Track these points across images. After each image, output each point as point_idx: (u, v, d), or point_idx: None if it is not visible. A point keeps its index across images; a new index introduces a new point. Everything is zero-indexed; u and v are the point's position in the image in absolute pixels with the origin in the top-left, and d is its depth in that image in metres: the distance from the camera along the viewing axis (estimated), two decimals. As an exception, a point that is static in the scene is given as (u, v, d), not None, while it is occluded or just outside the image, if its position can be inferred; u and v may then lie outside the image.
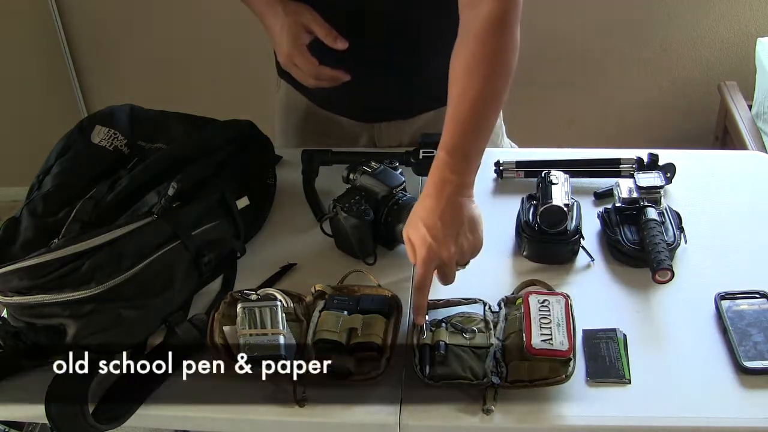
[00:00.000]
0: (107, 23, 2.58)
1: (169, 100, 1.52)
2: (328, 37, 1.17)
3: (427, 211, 0.99)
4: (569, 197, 1.13)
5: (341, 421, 0.93)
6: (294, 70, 1.20)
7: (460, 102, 1.02)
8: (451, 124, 1.02)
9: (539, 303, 0.97)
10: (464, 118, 1.02)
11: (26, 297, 0.96)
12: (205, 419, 0.95)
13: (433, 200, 0.99)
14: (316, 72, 1.19)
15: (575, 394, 0.92)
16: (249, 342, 0.96)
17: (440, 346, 0.95)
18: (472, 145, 1.03)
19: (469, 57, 1.04)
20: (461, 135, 1.02)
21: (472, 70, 1.03)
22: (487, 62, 1.03)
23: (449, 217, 0.98)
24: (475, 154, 1.03)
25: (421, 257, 0.97)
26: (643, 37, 2.47)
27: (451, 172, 1.00)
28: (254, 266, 1.13)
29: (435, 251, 0.97)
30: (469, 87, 1.02)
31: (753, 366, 0.93)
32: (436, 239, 0.97)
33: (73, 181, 1.11)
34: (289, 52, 1.18)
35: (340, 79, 1.20)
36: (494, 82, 1.03)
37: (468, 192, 1.02)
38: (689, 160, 1.30)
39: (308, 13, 1.17)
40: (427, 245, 0.97)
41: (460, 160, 1.01)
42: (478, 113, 1.03)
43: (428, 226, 0.97)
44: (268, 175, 1.27)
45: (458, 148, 1.01)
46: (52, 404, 0.92)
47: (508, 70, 1.05)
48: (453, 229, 0.98)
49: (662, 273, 1.05)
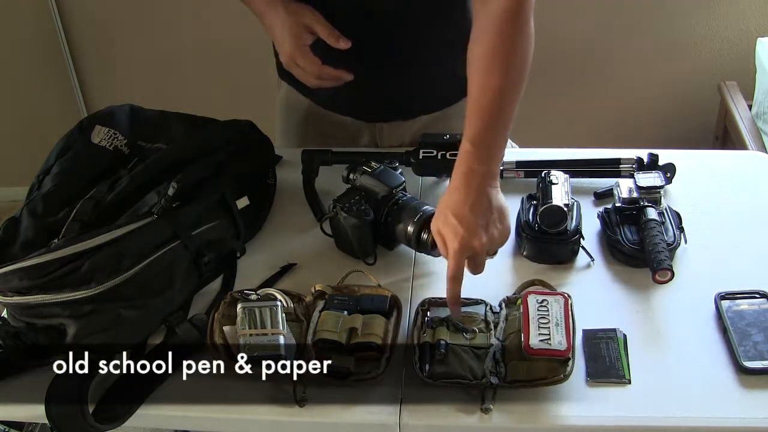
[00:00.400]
0: (107, 23, 2.58)
1: (169, 100, 1.52)
2: (330, 37, 1.16)
3: (457, 203, 1.00)
4: (569, 197, 1.13)
5: (341, 421, 0.93)
6: (296, 71, 1.20)
7: (482, 95, 1.04)
8: (473, 116, 1.03)
9: (538, 303, 0.97)
10: (487, 111, 1.03)
11: (26, 297, 0.96)
12: (205, 419, 0.95)
13: (462, 192, 1.00)
14: (318, 72, 1.19)
15: (575, 394, 0.92)
16: (249, 342, 0.96)
17: (441, 345, 0.95)
18: (496, 135, 1.04)
19: (488, 50, 1.05)
20: (485, 127, 1.03)
21: (490, 64, 1.04)
22: (505, 55, 1.04)
23: (479, 207, 0.99)
24: (499, 144, 1.05)
25: (453, 249, 0.98)
26: (643, 37, 2.47)
27: (478, 163, 1.01)
28: (254, 266, 1.13)
29: (467, 242, 0.97)
30: (489, 80, 1.03)
31: (753, 366, 0.93)
32: (468, 230, 0.98)
33: (73, 181, 1.11)
34: (291, 52, 1.18)
35: (342, 78, 1.20)
36: (513, 73, 1.05)
37: (494, 182, 1.03)
38: (689, 160, 1.30)
39: (310, 13, 1.17)
40: (460, 236, 0.97)
41: (485, 151, 1.02)
42: (499, 105, 1.04)
43: (459, 218, 0.98)
44: (268, 175, 1.28)
45: (483, 139, 1.02)
46: (52, 404, 0.92)
47: (526, 61, 1.06)
48: (483, 219, 0.99)
49: (662, 273, 1.05)
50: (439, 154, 1.27)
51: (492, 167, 1.03)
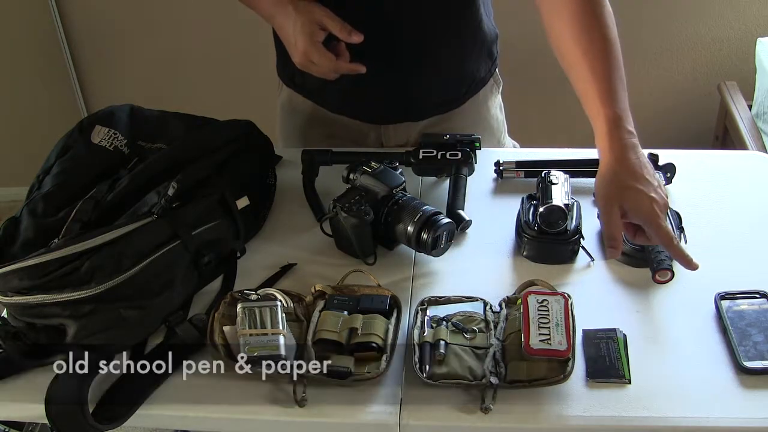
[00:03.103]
0: (107, 23, 2.59)
1: (169, 100, 1.52)
2: (342, 31, 1.16)
3: (634, 172, 0.99)
4: (569, 197, 1.13)
5: (341, 421, 0.93)
6: (312, 68, 1.20)
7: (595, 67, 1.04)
8: (601, 93, 1.03)
9: (538, 303, 0.97)
10: (610, 80, 1.03)
11: (26, 297, 0.96)
12: (205, 419, 0.95)
13: (631, 161, 1.00)
14: (335, 67, 1.19)
15: (575, 394, 0.92)
16: (249, 342, 0.96)
17: (440, 345, 0.95)
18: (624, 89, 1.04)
19: (578, 27, 1.05)
20: (618, 96, 1.03)
21: (588, 34, 1.05)
22: (596, 22, 1.05)
23: (650, 170, 1.01)
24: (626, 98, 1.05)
25: (656, 215, 0.97)
26: (643, 37, 2.47)
27: (628, 133, 1.01)
28: (254, 266, 1.13)
29: (663, 202, 0.99)
30: (595, 50, 1.04)
31: (753, 366, 0.93)
32: (656, 192, 0.98)
33: (73, 181, 1.11)
34: (305, 49, 1.17)
35: (358, 70, 1.20)
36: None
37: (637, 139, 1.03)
38: (689, 160, 1.30)
39: (320, 9, 1.17)
40: (654, 201, 0.98)
41: (628, 116, 1.02)
42: (615, 68, 1.04)
43: (644, 185, 0.98)
44: (268, 175, 1.28)
45: (622, 107, 1.02)
46: (52, 404, 0.92)
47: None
48: (655, 180, 1.01)
49: (662, 273, 1.05)
50: (439, 154, 1.27)
51: (631, 127, 1.03)
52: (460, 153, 1.26)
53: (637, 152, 1.01)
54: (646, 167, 1.00)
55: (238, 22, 1.27)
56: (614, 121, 1.01)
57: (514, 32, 1.87)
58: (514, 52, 2.25)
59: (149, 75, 2.66)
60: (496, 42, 1.39)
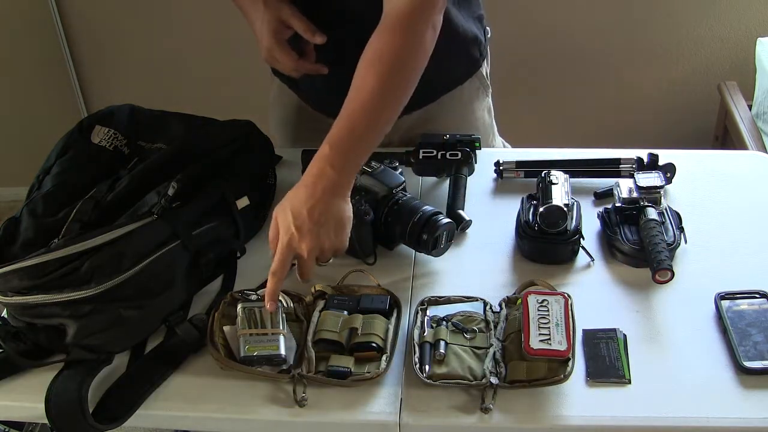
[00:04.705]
0: (107, 23, 2.59)
1: (169, 100, 1.52)
2: (306, 31, 1.19)
3: (299, 200, 0.99)
4: (569, 197, 1.13)
5: (341, 421, 0.93)
6: (276, 64, 1.24)
7: (353, 98, 1.02)
8: (340, 117, 1.02)
9: (538, 303, 0.97)
10: (353, 115, 1.01)
11: (26, 297, 0.96)
12: (205, 419, 0.95)
13: (307, 192, 0.99)
14: (295, 65, 1.22)
15: (575, 394, 0.92)
16: (249, 342, 0.96)
17: (440, 345, 0.95)
18: (356, 144, 1.02)
19: (371, 53, 1.03)
20: (347, 131, 1.01)
21: (369, 67, 1.02)
22: (386, 61, 1.02)
23: (317, 213, 0.98)
24: (357, 153, 1.02)
25: (281, 243, 0.98)
26: (643, 37, 2.47)
27: (331, 168, 0.99)
28: (254, 266, 1.13)
29: (295, 242, 0.97)
30: (364, 84, 1.01)
31: (753, 366, 0.93)
32: (299, 230, 0.97)
33: (73, 181, 1.11)
34: (269, 46, 1.21)
35: (320, 71, 1.23)
36: (389, 82, 1.02)
37: (343, 192, 1.01)
38: (689, 160, 1.30)
39: (287, 8, 1.19)
40: (289, 234, 0.97)
41: (341, 157, 1.00)
42: (368, 112, 1.01)
43: (294, 216, 0.98)
44: (268, 175, 1.28)
45: (342, 144, 1.01)
46: (52, 404, 0.92)
47: (408, 72, 1.03)
48: (317, 226, 0.98)
49: (662, 273, 1.05)
50: (439, 154, 1.27)
51: (343, 177, 1.00)
52: (460, 153, 1.26)
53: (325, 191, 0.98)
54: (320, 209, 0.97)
55: (238, 22, 1.27)
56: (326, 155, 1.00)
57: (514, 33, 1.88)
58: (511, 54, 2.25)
59: (149, 75, 2.66)
60: (478, 44, 1.36)
